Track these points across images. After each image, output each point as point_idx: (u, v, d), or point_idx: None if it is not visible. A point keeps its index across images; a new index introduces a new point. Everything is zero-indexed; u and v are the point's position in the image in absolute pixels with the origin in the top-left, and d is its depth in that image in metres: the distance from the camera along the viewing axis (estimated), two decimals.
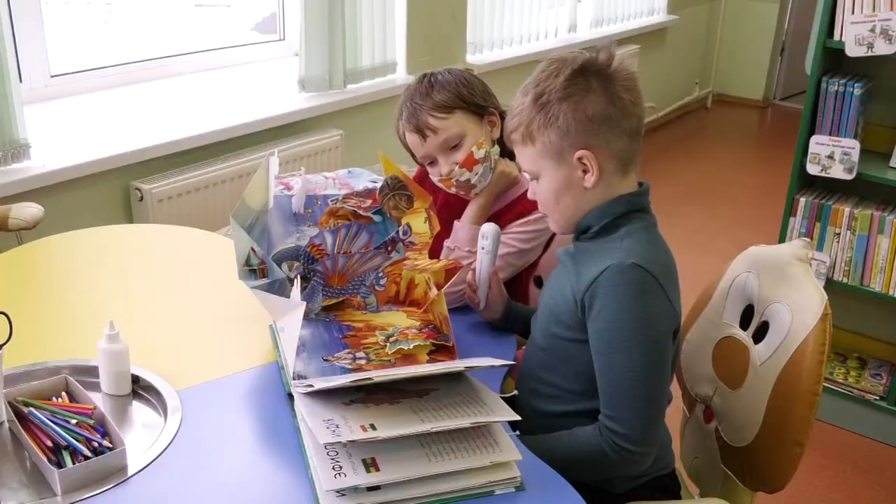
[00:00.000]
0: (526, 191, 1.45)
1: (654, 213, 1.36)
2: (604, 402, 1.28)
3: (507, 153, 1.62)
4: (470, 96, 1.65)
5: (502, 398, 1.20)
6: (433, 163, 1.67)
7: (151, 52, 2.97)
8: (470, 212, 1.69)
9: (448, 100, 1.63)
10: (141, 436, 1.24)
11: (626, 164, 1.31)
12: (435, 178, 1.68)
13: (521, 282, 1.74)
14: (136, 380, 1.34)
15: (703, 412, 1.56)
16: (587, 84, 1.27)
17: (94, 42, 3.08)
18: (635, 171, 1.34)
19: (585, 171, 1.29)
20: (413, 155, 1.71)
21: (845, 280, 2.57)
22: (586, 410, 1.34)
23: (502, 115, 1.65)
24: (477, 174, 1.64)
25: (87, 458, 1.13)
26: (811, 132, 2.53)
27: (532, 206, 1.52)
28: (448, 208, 1.74)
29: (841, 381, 2.72)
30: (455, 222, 1.69)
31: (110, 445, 1.16)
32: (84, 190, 2.41)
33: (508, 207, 1.71)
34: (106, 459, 1.14)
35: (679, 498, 1.48)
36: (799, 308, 1.39)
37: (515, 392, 1.37)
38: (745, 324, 1.51)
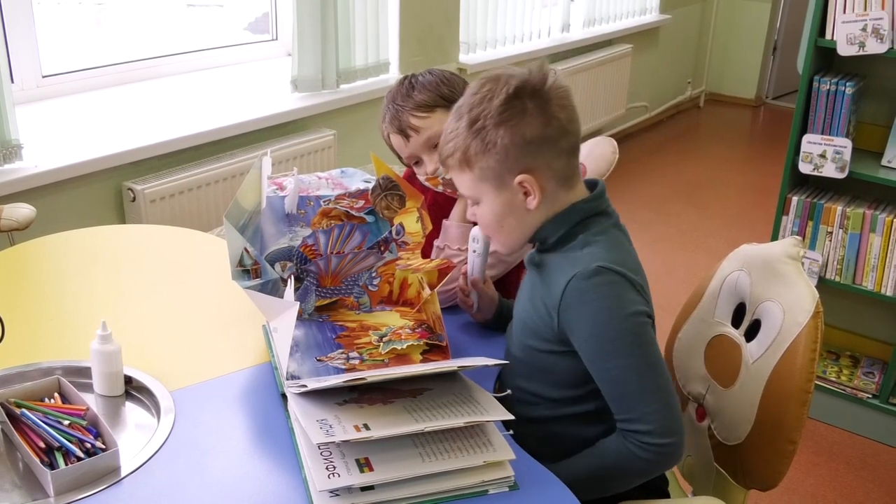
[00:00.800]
0: None
1: (613, 213, 1.33)
2: (615, 408, 1.26)
3: None
4: (451, 94, 1.65)
5: (495, 397, 1.20)
6: (419, 163, 1.68)
7: (143, 52, 2.97)
8: (458, 210, 1.69)
9: (429, 99, 1.63)
10: (134, 437, 1.24)
11: (567, 179, 1.29)
12: (422, 178, 1.69)
13: (513, 279, 1.74)
14: (128, 380, 1.34)
15: (695, 410, 1.56)
16: (522, 106, 1.24)
17: (85, 42, 3.07)
18: (580, 181, 1.32)
19: (527, 194, 1.27)
20: (400, 157, 1.72)
21: (838, 279, 2.58)
22: (565, 416, 1.34)
23: None
24: None
25: (79, 459, 1.13)
26: (803, 131, 2.54)
27: None
28: (437, 208, 1.74)
29: (833, 379, 2.73)
30: (444, 221, 1.69)
31: (103, 446, 1.16)
32: (76, 190, 2.40)
33: None
34: (99, 460, 1.13)
35: (668, 495, 1.48)
36: (790, 306, 1.39)
37: (509, 392, 1.37)
38: (737, 322, 1.51)
